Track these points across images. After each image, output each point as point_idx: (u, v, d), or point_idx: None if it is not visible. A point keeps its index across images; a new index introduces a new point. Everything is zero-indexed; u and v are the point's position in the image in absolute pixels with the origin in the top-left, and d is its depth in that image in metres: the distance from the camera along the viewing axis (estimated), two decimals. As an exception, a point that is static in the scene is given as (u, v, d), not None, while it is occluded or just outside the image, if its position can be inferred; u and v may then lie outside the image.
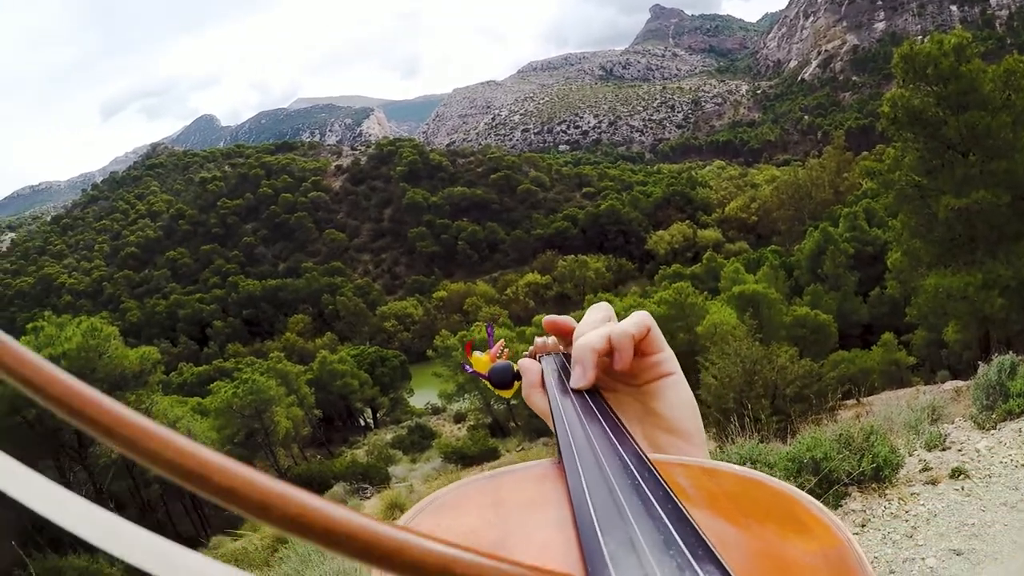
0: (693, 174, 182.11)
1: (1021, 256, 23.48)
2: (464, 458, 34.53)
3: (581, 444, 0.61)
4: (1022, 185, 23.31)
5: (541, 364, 0.90)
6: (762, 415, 13.56)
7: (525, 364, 0.90)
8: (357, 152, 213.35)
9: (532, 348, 0.99)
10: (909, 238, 26.19)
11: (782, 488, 0.58)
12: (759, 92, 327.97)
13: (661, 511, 0.46)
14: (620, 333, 0.75)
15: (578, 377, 0.76)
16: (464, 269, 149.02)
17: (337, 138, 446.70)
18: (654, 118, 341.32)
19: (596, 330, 0.77)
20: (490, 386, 0.99)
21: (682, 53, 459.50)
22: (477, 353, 1.05)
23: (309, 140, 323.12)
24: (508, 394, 0.99)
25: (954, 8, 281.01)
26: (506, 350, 1.07)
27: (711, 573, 0.39)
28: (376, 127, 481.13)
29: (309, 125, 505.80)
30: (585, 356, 0.75)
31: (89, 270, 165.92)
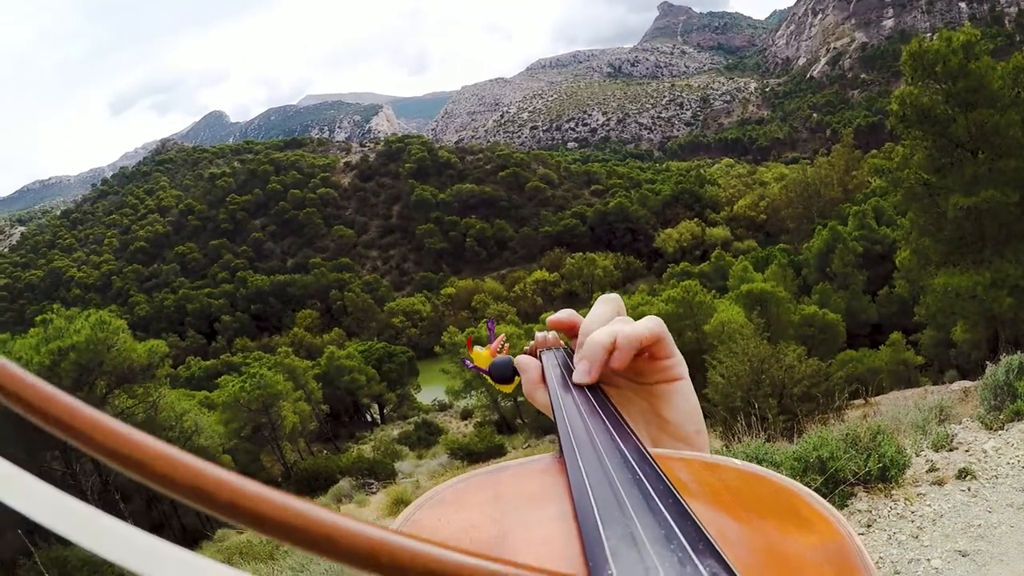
0: (702, 172, 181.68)
1: (1031, 256, 23.41)
2: (471, 455, 34.51)
3: (582, 438, 0.61)
4: (1032, 184, 23.23)
5: (542, 359, 0.89)
6: (769, 414, 13.53)
7: (525, 359, 0.90)
8: (366, 149, 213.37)
9: (533, 343, 0.98)
10: (918, 237, 26.10)
11: (783, 483, 0.58)
12: (768, 90, 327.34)
13: (662, 505, 0.46)
14: (627, 336, 0.73)
15: (582, 373, 0.75)
16: (472, 266, 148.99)
17: (346, 134, 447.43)
18: (663, 116, 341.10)
19: (607, 328, 0.76)
20: (490, 381, 0.98)
21: (691, 51, 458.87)
22: (478, 348, 1.05)
23: (318, 136, 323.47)
24: (509, 389, 0.99)
25: (963, 5, 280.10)
26: (507, 345, 1.05)
27: (712, 567, 0.39)
28: (385, 124, 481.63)
29: (318, 121, 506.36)
30: (594, 353, 0.74)
31: (98, 264, 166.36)
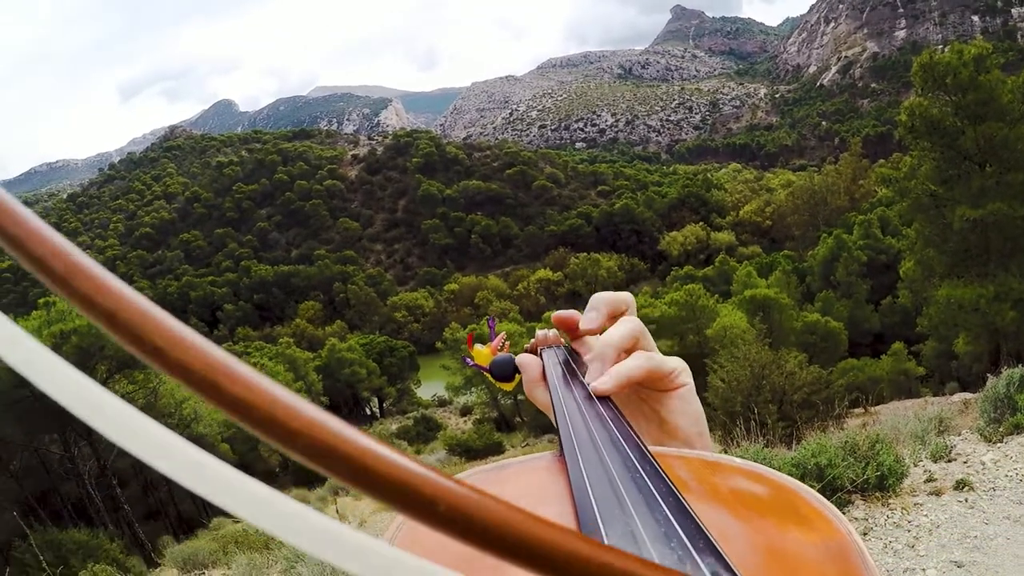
0: (709, 176, 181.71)
1: (1035, 270, 23.40)
2: (469, 451, 34.57)
3: (582, 437, 0.60)
4: (1039, 198, 23.21)
5: (543, 357, 0.89)
6: (768, 420, 13.52)
7: (524, 363, 0.89)
8: (374, 142, 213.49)
9: (534, 340, 0.98)
10: (923, 247, 26.09)
11: (783, 481, 0.58)
12: (777, 96, 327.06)
13: (662, 503, 0.46)
14: (660, 367, 0.74)
15: (596, 373, 0.73)
16: (476, 263, 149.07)
17: (354, 127, 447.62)
18: (671, 119, 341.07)
19: (621, 328, 0.76)
20: (491, 379, 0.97)
21: (702, 55, 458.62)
22: (478, 346, 1.05)
23: (326, 128, 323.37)
24: (509, 387, 0.98)
25: (975, 18, 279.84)
26: (507, 343, 1.05)
27: (712, 565, 0.39)
28: (394, 118, 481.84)
29: (327, 113, 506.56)
30: (606, 351, 0.74)
31: (103, 248, 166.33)
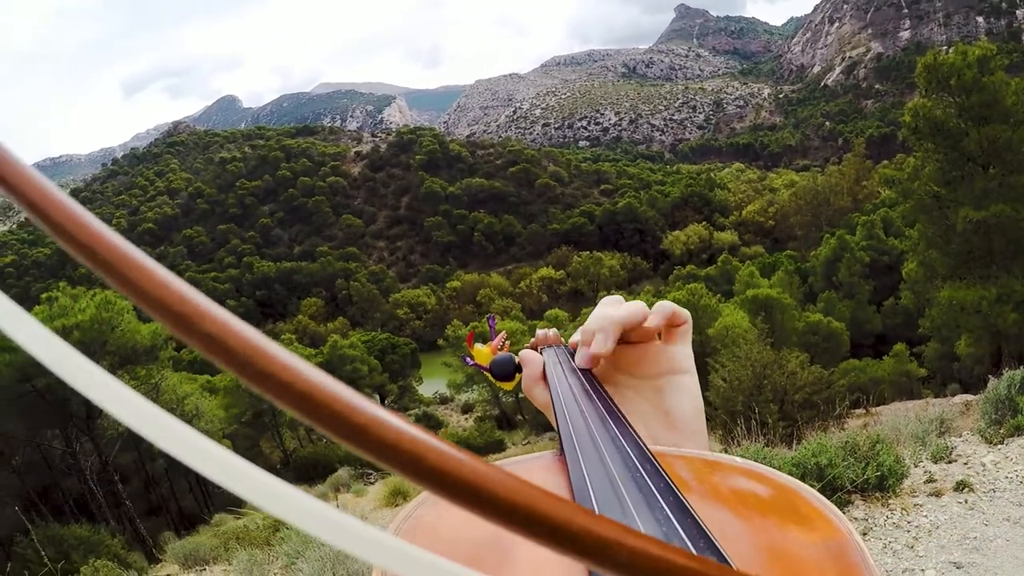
0: (712, 175, 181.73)
1: (1037, 272, 23.38)
2: (470, 449, 33.92)
3: (582, 436, 0.60)
4: (1042, 200, 23.19)
5: (543, 356, 0.88)
6: (770, 419, 13.53)
7: (527, 356, 0.89)
8: (377, 139, 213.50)
9: (534, 340, 0.99)
10: (925, 248, 26.08)
11: (784, 481, 0.58)
12: (781, 96, 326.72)
13: (663, 503, 0.46)
14: (662, 303, 0.76)
15: (600, 343, 0.74)
16: (479, 260, 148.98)
17: (358, 124, 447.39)
18: (675, 118, 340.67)
19: (626, 307, 0.76)
20: (491, 378, 0.97)
21: (705, 54, 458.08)
22: (479, 345, 1.04)
23: (330, 125, 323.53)
24: (509, 386, 0.98)
25: (980, 19, 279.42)
26: (507, 343, 1.05)
27: None
28: (397, 115, 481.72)
29: (330, 110, 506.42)
30: (608, 326, 0.74)
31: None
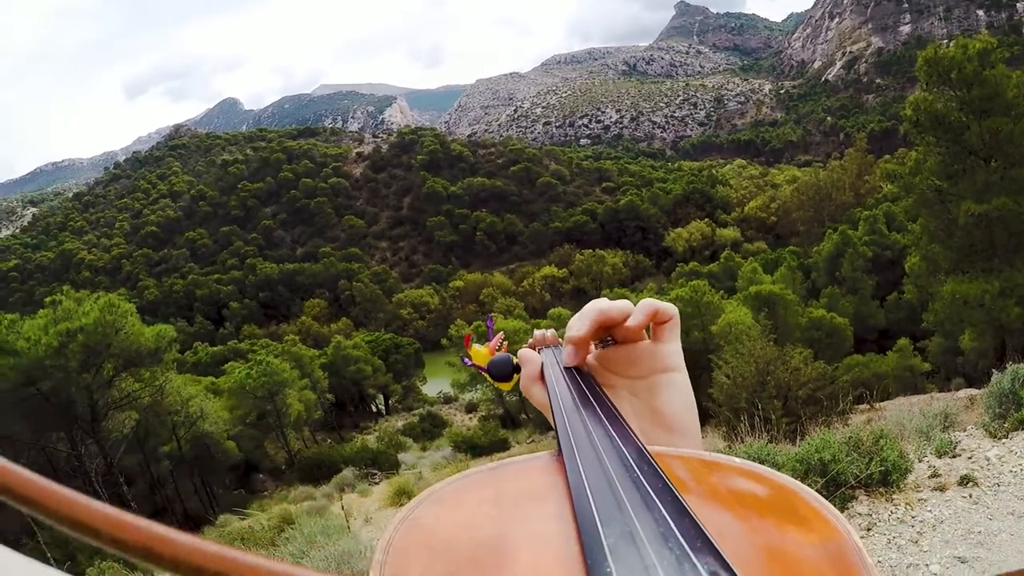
0: (713, 172, 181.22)
1: (1040, 265, 23.35)
2: (474, 448, 34.59)
3: (580, 437, 0.61)
4: (1044, 193, 23.16)
5: (541, 356, 0.88)
6: (773, 416, 13.51)
7: (525, 356, 0.89)
8: (379, 140, 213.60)
9: (531, 341, 0.98)
10: (928, 243, 26.06)
11: (782, 481, 0.58)
12: (782, 92, 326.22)
13: (660, 503, 0.46)
14: (645, 301, 0.75)
15: (576, 328, 0.75)
16: (481, 260, 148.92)
17: (359, 125, 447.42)
18: (676, 115, 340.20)
19: (613, 301, 0.77)
20: (489, 379, 0.97)
21: (706, 51, 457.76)
22: (476, 346, 1.05)
23: (331, 126, 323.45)
24: (507, 387, 0.98)
25: (980, 13, 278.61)
26: (505, 343, 1.06)
27: (710, 565, 0.39)
28: (398, 115, 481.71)
29: (332, 111, 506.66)
30: (587, 312, 0.75)
31: (109, 247, 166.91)
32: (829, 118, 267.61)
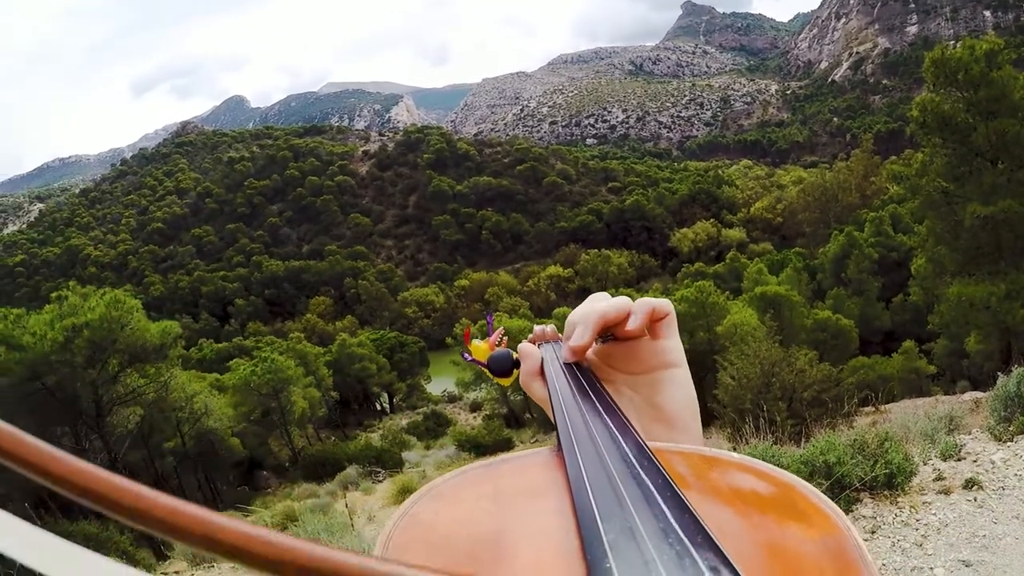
0: (720, 172, 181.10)
1: (1046, 268, 23.27)
2: (478, 447, 34.54)
3: (580, 432, 0.60)
4: (1051, 196, 23.08)
5: (541, 352, 0.88)
6: (778, 417, 13.48)
7: (525, 351, 0.89)
8: (385, 138, 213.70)
9: (531, 336, 0.98)
10: (934, 245, 25.98)
11: (783, 477, 0.58)
12: (788, 92, 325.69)
13: (660, 499, 0.46)
14: (641, 301, 0.75)
15: (578, 336, 0.75)
16: (487, 259, 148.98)
17: (365, 123, 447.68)
18: (682, 115, 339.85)
19: (612, 300, 0.77)
20: (489, 374, 0.97)
21: (712, 51, 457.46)
22: (476, 341, 1.04)
23: (338, 124, 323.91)
24: (507, 382, 0.98)
25: (987, 13, 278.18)
26: (505, 338, 1.05)
27: (710, 560, 0.39)
28: (405, 114, 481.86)
29: (338, 109, 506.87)
30: (588, 318, 0.75)
31: (115, 243, 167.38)
32: (835, 119, 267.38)
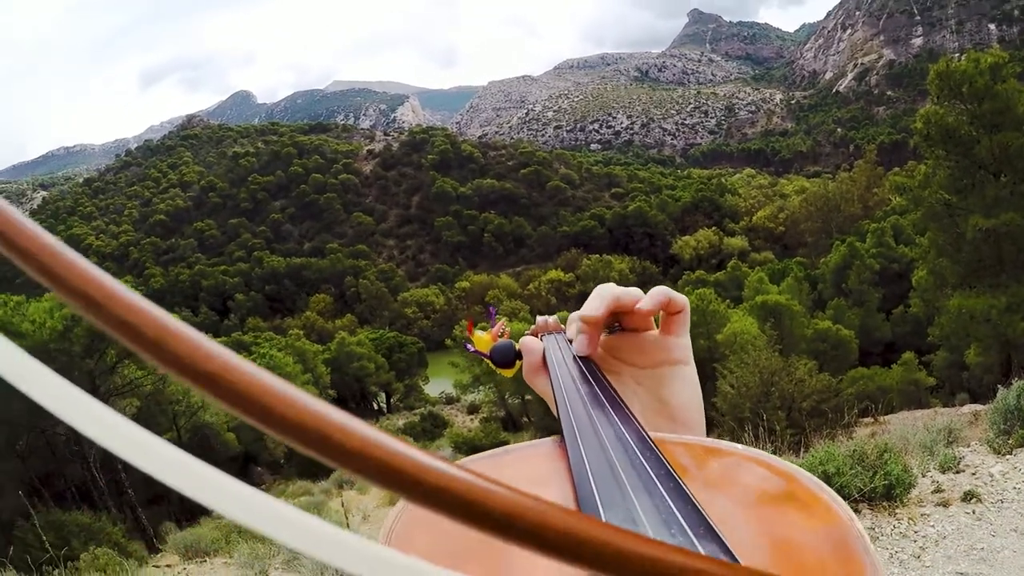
0: (723, 181, 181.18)
1: (1047, 281, 23.26)
2: (474, 449, 34.17)
3: (583, 423, 0.60)
4: (1053, 209, 23.07)
5: (543, 343, 0.88)
6: (777, 426, 13.45)
7: (528, 342, 0.89)
8: (390, 138, 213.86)
9: (534, 327, 0.98)
10: (936, 256, 25.99)
11: (784, 467, 0.58)
12: (793, 102, 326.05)
13: (662, 489, 0.46)
14: (659, 288, 0.74)
15: (592, 308, 0.75)
16: (488, 261, 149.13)
17: (371, 122, 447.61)
18: (687, 122, 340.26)
19: (622, 288, 0.77)
20: (491, 365, 0.97)
21: (718, 59, 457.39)
22: (479, 332, 1.04)
23: (343, 123, 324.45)
24: (509, 373, 0.98)
25: (992, 27, 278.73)
26: (507, 330, 1.04)
27: (713, 551, 0.40)
28: (410, 114, 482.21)
29: (344, 108, 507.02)
30: (603, 294, 0.75)
31: (117, 234, 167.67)
32: (839, 129, 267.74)
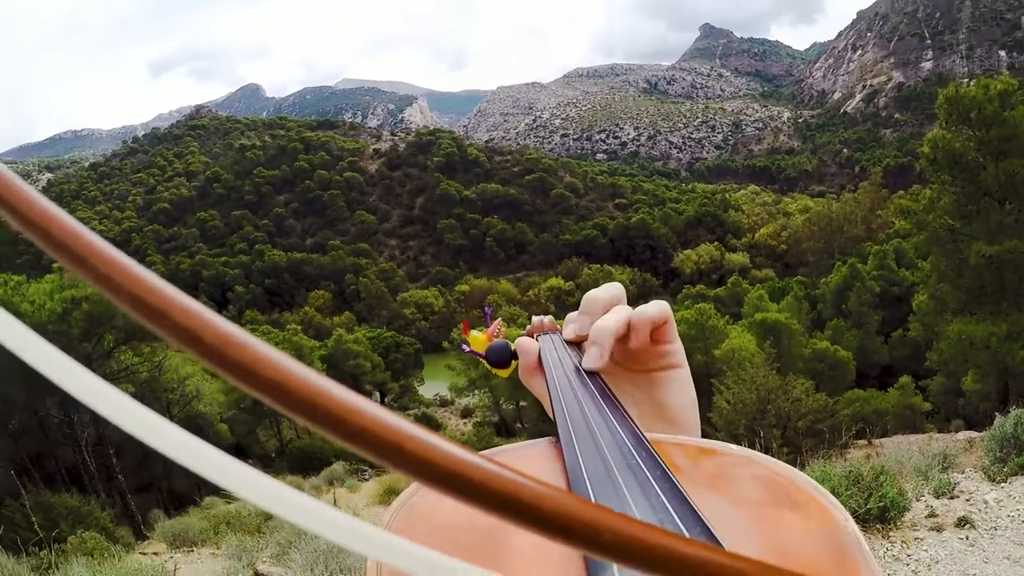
0: (727, 196, 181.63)
1: (1048, 310, 23.24)
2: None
3: (578, 423, 0.60)
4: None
5: (539, 343, 0.88)
6: (773, 444, 13.45)
7: (523, 343, 0.88)
8: (396, 138, 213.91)
9: (529, 327, 0.98)
10: (937, 281, 25.99)
11: (780, 468, 0.58)
12: (800, 121, 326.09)
13: (658, 489, 0.47)
14: (640, 316, 0.74)
15: (594, 358, 0.74)
16: (489, 265, 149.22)
17: (378, 122, 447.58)
18: (693, 136, 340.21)
19: (616, 315, 0.76)
20: (487, 365, 0.97)
21: (727, 74, 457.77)
22: (475, 332, 1.04)
23: (350, 120, 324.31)
24: (505, 373, 0.98)
25: (1003, 53, 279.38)
26: (503, 330, 1.04)
27: None
28: (418, 115, 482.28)
29: (352, 106, 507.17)
30: (603, 338, 0.74)
31: (120, 220, 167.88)
32: (845, 150, 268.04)
